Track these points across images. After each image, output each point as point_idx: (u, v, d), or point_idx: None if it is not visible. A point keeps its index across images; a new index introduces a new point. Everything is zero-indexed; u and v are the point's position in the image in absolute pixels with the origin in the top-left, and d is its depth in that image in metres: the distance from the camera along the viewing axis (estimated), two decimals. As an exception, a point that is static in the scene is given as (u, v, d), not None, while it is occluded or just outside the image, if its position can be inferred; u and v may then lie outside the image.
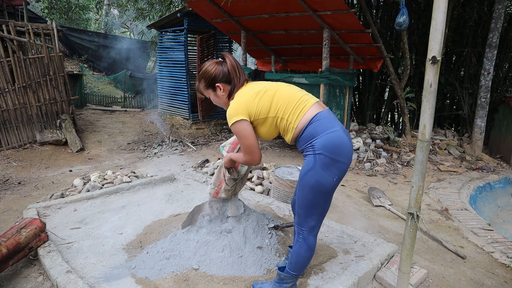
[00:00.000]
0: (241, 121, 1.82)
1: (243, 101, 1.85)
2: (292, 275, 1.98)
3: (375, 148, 5.78)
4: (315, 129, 1.78)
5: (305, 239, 1.90)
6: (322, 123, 1.79)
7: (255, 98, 1.85)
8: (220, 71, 1.91)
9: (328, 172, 1.77)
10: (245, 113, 1.83)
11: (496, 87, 6.88)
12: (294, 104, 1.83)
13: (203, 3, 5.53)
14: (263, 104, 1.84)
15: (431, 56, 1.57)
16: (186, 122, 8.03)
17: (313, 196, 1.82)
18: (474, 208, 3.94)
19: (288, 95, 1.85)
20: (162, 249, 2.39)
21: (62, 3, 13.81)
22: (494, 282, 2.45)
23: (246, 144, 1.84)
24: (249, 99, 1.85)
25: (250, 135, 1.83)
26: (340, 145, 1.77)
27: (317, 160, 1.77)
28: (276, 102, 1.84)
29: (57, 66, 6.18)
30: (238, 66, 1.92)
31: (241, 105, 1.84)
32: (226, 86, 1.93)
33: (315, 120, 1.79)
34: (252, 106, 1.84)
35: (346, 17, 4.71)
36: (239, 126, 1.82)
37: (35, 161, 5.37)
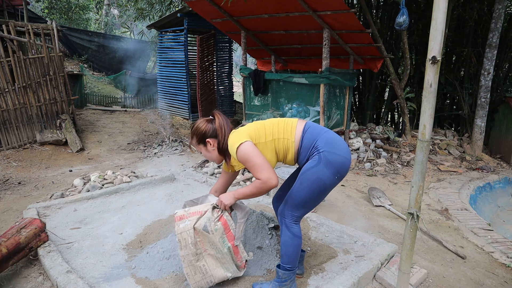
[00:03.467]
0: (245, 143, 1.87)
1: (241, 131, 1.97)
2: (287, 269, 2.00)
3: (375, 148, 5.78)
4: (312, 134, 1.95)
5: (288, 226, 1.98)
6: (314, 128, 1.98)
7: (249, 128, 1.99)
8: (210, 128, 2.02)
9: (330, 170, 1.87)
10: (246, 137, 1.91)
11: (496, 87, 6.88)
12: (283, 124, 1.99)
13: (203, 3, 5.53)
14: (259, 132, 1.97)
15: (431, 56, 1.57)
16: (186, 122, 8.03)
17: (308, 192, 1.90)
18: (474, 208, 3.94)
19: (273, 122, 2.02)
20: (162, 249, 2.39)
21: (62, 3, 13.80)
22: (494, 282, 2.45)
23: (258, 162, 1.84)
24: (244, 130, 1.98)
25: (258, 153, 1.86)
26: (337, 141, 1.94)
27: (321, 158, 1.88)
28: (268, 128, 1.98)
29: (57, 66, 6.18)
30: (224, 124, 2.02)
31: (239, 135, 1.93)
32: (215, 141, 2.03)
33: (308, 128, 1.97)
34: (250, 132, 1.96)
35: (346, 17, 4.70)
36: (245, 147, 1.86)
37: (35, 161, 5.37)
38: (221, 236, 1.98)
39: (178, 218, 2.02)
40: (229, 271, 2.04)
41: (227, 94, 8.59)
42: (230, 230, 2.02)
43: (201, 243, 1.98)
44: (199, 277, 2.01)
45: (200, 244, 1.98)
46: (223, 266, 2.02)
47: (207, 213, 1.99)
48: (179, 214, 2.03)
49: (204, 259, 2.00)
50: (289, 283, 2.02)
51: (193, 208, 2.06)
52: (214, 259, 2.01)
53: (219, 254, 2.00)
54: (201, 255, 1.99)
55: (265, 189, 1.86)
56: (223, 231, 1.99)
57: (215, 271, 2.01)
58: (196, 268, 2.00)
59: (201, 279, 2.01)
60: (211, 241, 1.97)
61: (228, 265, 2.03)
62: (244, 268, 2.12)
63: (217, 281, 2.04)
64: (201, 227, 1.94)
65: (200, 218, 1.98)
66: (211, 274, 2.01)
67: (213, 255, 2.00)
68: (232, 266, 2.05)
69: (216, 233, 1.96)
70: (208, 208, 2.02)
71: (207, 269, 2.00)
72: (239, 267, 2.09)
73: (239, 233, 2.03)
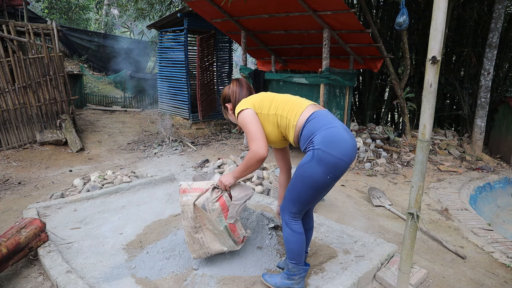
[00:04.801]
0: (246, 110, 1.96)
1: (247, 99, 2.06)
2: (294, 265, 2.01)
3: (375, 148, 5.78)
4: (313, 126, 1.85)
5: (287, 223, 1.99)
6: (319, 120, 1.86)
7: (257, 97, 2.06)
8: (227, 94, 2.17)
9: (322, 169, 1.79)
10: (249, 105, 1.98)
11: (496, 87, 6.88)
12: (292, 104, 1.94)
13: (203, 3, 5.53)
14: (264, 103, 1.99)
15: (431, 56, 1.57)
16: (186, 122, 8.03)
17: (302, 188, 1.89)
18: (474, 208, 3.94)
19: (285, 98, 2.00)
20: (162, 249, 2.39)
21: (62, 3, 13.80)
22: (494, 282, 2.45)
23: (251, 130, 1.90)
24: (252, 98, 2.06)
25: (255, 121, 1.92)
26: (337, 141, 1.79)
27: (314, 155, 1.81)
28: (276, 102, 1.98)
29: (57, 66, 6.18)
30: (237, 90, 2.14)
31: (245, 102, 2.03)
32: (231, 105, 2.17)
33: (313, 118, 1.87)
34: (255, 101, 2.01)
35: (346, 17, 4.70)
36: (244, 114, 1.95)
37: (35, 161, 5.37)
38: (218, 215, 2.04)
39: (181, 191, 2.13)
40: (225, 245, 2.15)
41: (227, 94, 8.58)
42: (228, 211, 2.06)
43: (200, 218, 2.10)
44: (197, 246, 2.16)
45: (199, 218, 2.10)
46: (220, 240, 2.14)
47: (207, 192, 2.05)
48: (183, 186, 2.13)
49: (202, 232, 2.13)
50: (298, 279, 2.03)
51: (196, 184, 2.12)
52: (212, 233, 2.13)
53: (216, 231, 2.10)
54: (200, 228, 2.13)
55: (254, 160, 1.87)
56: (221, 211, 2.04)
57: (212, 244, 2.14)
58: (194, 239, 2.14)
59: (198, 249, 2.16)
60: (209, 218, 2.05)
61: (225, 240, 2.13)
62: (242, 243, 2.18)
63: (214, 253, 2.17)
64: (200, 204, 2.03)
65: (200, 196, 2.05)
66: (208, 246, 2.15)
67: (211, 230, 2.12)
68: (229, 242, 2.13)
69: (214, 212, 2.02)
70: (209, 187, 2.06)
71: (205, 241, 2.14)
72: (236, 242, 2.15)
73: (234, 213, 2.06)
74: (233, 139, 7.14)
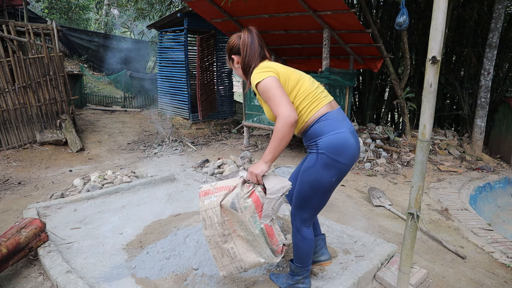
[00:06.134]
0: (269, 77, 1.72)
1: (271, 64, 1.82)
2: (299, 267, 2.01)
3: (375, 148, 5.78)
4: (321, 128, 1.78)
5: (298, 229, 1.92)
6: (329, 123, 1.79)
7: (283, 69, 1.82)
8: (236, 44, 1.89)
9: (327, 172, 1.77)
10: (273, 72, 1.75)
11: (496, 87, 6.88)
12: (311, 99, 1.81)
13: (203, 3, 5.53)
14: (289, 82, 1.80)
15: (431, 56, 1.57)
16: (186, 122, 8.03)
17: (310, 192, 1.83)
18: (474, 208, 3.94)
19: (308, 88, 1.82)
20: (162, 249, 2.39)
21: (62, 3, 13.81)
22: (494, 282, 2.45)
23: (277, 94, 1.68)
24: (275, 66, 1.81)
25: (276, 88, 1.69)
26: (343, 147, 1.76)
27: (318, 159, 1.77)
28: (298, 89, 1.81)
29: (57, 66, 6.18)
30: (248, 42, 1.85)
31: (268, 66, 1.79)
32: (239, 59, 1.91)
33: (323, 119, 1.79)
34: (280, 72, 1.79)
35: (346, 17, 4.70)
36: (265, 82, 1.71)
37: (35, 161, 5.37)
38: (252, 215, 1.70)
39: (203, 193, 1.79)
40: (262, 256, 1.76)
41: (227, 94, 8.59)
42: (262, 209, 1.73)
43: (229, 222, 1.74)
44: (227, 260, 1.78)
45: (228, 223, 1.74)
46: (255, 250, 1.75)
47: (236, 188, 1.72)
48: (204, 189, 1.79)
49: (233, 241, 1.76)
50: (301, 279, 2.04)
51: (220, 183, 1.80)
52: (245, 241, 1.75)
53: (250, 236, 1.73)
54: (230, 236, 1.76)
55: (287, 126, 1.64)
56: (254, 209, 1.70)
57: (246, 255, 1.77)
58: (223, 251, 1.77)
59: (229, 263, 1.78)
60: (240, 220, 1.71)
61: (261, 249, 1.75)
62: (282, 253, 1.80)
63: (248, 267, 1.78)
64: (228, 204, 1.70)
65: (228, 194, 1.73)
66: (240, 259, 1.77)
67: (243, 237, 1.75)
68: (266, 251, 1.75)
69: (246, 211, 1.69)
70: (238, 182, 1.74)
71: (236, 252, 1.76)
72: (275, 251, 1.79)
73: (269, 210, 1.71)
74: (233, 139, 7.15)
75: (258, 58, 1.86)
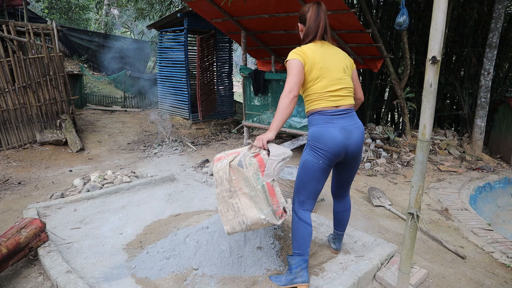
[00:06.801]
0: (294, 60, 2.04)
1: (309, 49, 2.08)
2: (296, 256, 2.10)
3: (375, 148, 5.78)
4: (313, 120, 2.11)
5: (295, 211, 2.14)
6: (321, 117, 2.07)
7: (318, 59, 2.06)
8: (304, 14, 2.15)
9: (313, 155, 2.07)
10: (301, 56, 2.04)
11: (496, 87, 6.88)
12: (317, 96, 2.08)
13: (203, 3, 5.53)
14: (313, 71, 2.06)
15: (431, 56, 1.57)
16: (186, 122, 8.03)
17: (303, 173, 2.11)
18: (474, 208, 3.94)
19: (320, 88, 2.07)
20: (162, 249, 2.39)
21: (62, 3, 13.81)
22: (494, 282, 2.45)
23: (288, 81, 2.01)
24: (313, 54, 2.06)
25: (294, 71, 2.01)
26: (324, 136, 2.04)
27: (307, 144, 2.13)
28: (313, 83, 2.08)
29: (57, 66, 6.18)
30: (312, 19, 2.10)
31: (303, 50, 2.07)
32: (302, 27, 2.18)
33: (318, 114, 2.09)
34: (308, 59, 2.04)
35: (346, 17, 4.70)
36: (291, 62, 2.04)
37: (35, 161, 5.37)
38: (255, 172, 1.92)
39: (216, 159, 2.10)
40: (263, 213, 1.93)
41: (227, 94, 8.59)
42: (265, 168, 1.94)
43: (236, 181, 1.98)
44: (231, 215, 2.00)
45: (234, 182, 1.98)
46: (257, 206, 1.94)
47: (244, 150, 2.02)
48: (218, 156, 2.12)
49: (238, 197, 1.99)
50: (299, 271, 2.07)
51: (231, 150, 2.13)
52: (248, 198, 1.96)
53: (253, 192, 1.93)
54: (235, 193, 1.99)
55: (285, 100, 1.96)
56: (258, 167, 1.92)
57: (248, 210, 1.95)
58: (228, 205, 2.01)
59: (233, 218, 2.00)
60: (245, 177, 1.94)
61: (262, 206, 1.93)
62: (282, 217, 1.96)
63: (250, 222, 1.96)
64: (236, 163, 1.96)
65: (236, 157, 2.00)
66: (243, 214, 1.97)
67: (247, 194, 1.96)
68: (267, 208, 1.92)
69: (250, 167, 1.92)
70: (246, 148, 2.04)
71: (240, 207, 1.97)
72: (275, 212, 1.94)
73: (271, 170, 1.91)
74: (233, 139, 7.15)
75: (312, 36, 2.13)
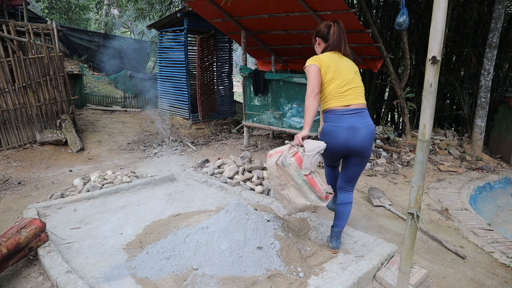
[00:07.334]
0: (312, 65, 2.42)
1: (324, 57, 2.47)
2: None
3: (375, 148, 5.78)
4: (326, 118, 2.49)
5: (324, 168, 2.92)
6: (332, 116, 2.44)
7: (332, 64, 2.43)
8: (322, 31, 2.55)
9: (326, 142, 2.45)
10: (317, 62, 2.42)
11: (496, 87, 6.88)
12: (331, 95, 2.44)
13: (203, 3, 5.52)
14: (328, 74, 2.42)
15: (431, 56, 1.57)
16: (186, 122, 8.03)
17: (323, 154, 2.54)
18: (474, 208, 3.94)
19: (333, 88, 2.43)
20: (162, 249, 2.39)
21: (62, 3, 13.80)
22: (494, 282, 2.45)
23: (309, 84, 2.40)
24: (328, 59, 2.44)
25: (315, 78, 2.39)
26: (328, 136, 2.44)
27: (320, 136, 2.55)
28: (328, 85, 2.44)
29: (57, 66, 6.18)
30: (338, 35, 2.49)
31: (319, 57, 2.46)
32: (320, 41, 2.59)
33: (330, 112, 2.46)
34: (323, 63, 2.42)
35: (346, 17, 4.70)
36: (310, 68, 2.42)
37: (35, 161, 5.37)
38: (295, 169, 2.32)
39: (268, 156, 2.51)
40: (308, 200, 2.34)
41: (227, 94, 8.59)
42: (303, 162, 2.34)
43: (283, 176, 2.39)
44: (286, 202, 2.46)
45: (283, 177, 2.40)
46: (303, 195, 2.35)
47: (285, 151, 2.40)
48: (269, 152, 2.53)
49: (288, 189, 2.41)
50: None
51: (278, 148, 2.49)
52: (295, 189, 2.38)
53: (297, 185, 2.35)
54: (286, 186, 2.41)
55: (309, 99, 2.36)
56: (297, 165, 2.31)
57: (297, 199, 2.38)
58: (282, 196, 2.45)
59: (287, 204, 2.46)
60: (289, 174, 2.34)
61: (307, 195, 2.33)
62: (327, 200, 2.34)
63: (300, 207, 2.40)
64: (280, 162, 2.37)
65: (280, 156, 2.40)
66: (294, 201, 2.40)
67: (293, 186, 2.38)
68: (311, 196, 2.32)
69: (291, 167, 2.32)
70: (287, 147, 2.42)
71: (290, 197, 2.41)
72: (320, 197, 2.33)
73: (308, 164, 2.29)
74: (233, 139, 7.15)
75: (332, 48, 2.51)
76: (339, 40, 2.49)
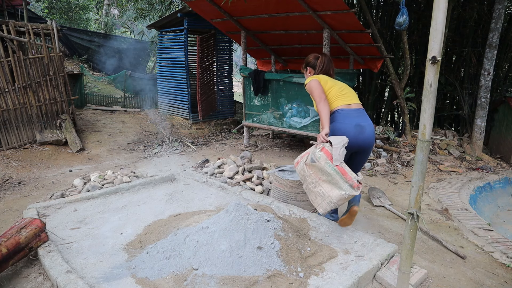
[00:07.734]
0: (312, 80, 2.81)
1: (319, 76, 2.93)
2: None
3: (375, 148, 5.78)
4: (334, 118, 2.76)
5: None
6: (339, 115, 2.74)
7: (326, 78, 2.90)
8: (311, 61, 3.07)
9: None
10: (316, 77, 2.84)
11: (496, 87, 6.88)
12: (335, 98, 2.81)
13: (203, 3, 5.52)
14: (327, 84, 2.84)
15: (431, 56, 1.57)
16: (186, 122, 8.03)
17: None
18: (474, 208, 3.94)
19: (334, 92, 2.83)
20: (162, 249, 2.39)
21: (62, 3, 13.80)
22: (494, 282, 2.45)
23: (316, 94, 2.75)
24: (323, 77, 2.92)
25: (318, 88, 2.76)
26: (338, 133, 2.64)
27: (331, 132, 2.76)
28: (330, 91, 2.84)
29: (57, 66, 6.18)
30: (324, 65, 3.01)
31: (315, 76, 2.90)
32: (312, 70, 3.08)
33: (337, 112, 2.76)
34: (322, 78, 2.87)
35: (346, 17, 4.70)
36: (311, 83, 2.81)
37: (35, 161, 5.37)
38: (326, 161, 2.45)
39: (295, 164, 2.66)
40: (343, 189, 2.40)
41: (227, 94, 8.59)
42: (332, 156, 2.47)
43: (314, 174, 2.51)
44: (320, 199, 2.50)
45: (313, 175, 2.52)
46: (336, 186, 2.42)
47: (311, 149, 2.59)
48: (295, 160, 2.67)
49: (320, 185, 2.49)
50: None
51: (302, 153, 2.65)
52: (327, 183, 2.46)
53: (329, 177, 2.43)
54: (317, 183, 2.51)
55: (320, 105, 2.70)
56: (326, 157, 2.45)
57: (331, 192, 2.44)
58: (315, 194, 2.52)
59: (321, 201, 2.50)
60: (320, 168, 2.46)
61: (340, 184, 2.40)
62: (359, 188, 2.41)
63: (336, 200, 2.42)
64: (309, 160, 2.52)
65: (307, 156, 2.56)
66: (328, 195, 2.45)
67: (325, 180, 2.47)
68: (345, 185, 2.39)
69: (321, 159, 2.46)
70: (312, 147, 2.61)
71: (324, 192, 2.47)
72: (353, 186, 2.40)
73: (337, 155, 2.44)
74: (233, 139, 7.15)
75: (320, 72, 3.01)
76: (328, 68, 3.00)
